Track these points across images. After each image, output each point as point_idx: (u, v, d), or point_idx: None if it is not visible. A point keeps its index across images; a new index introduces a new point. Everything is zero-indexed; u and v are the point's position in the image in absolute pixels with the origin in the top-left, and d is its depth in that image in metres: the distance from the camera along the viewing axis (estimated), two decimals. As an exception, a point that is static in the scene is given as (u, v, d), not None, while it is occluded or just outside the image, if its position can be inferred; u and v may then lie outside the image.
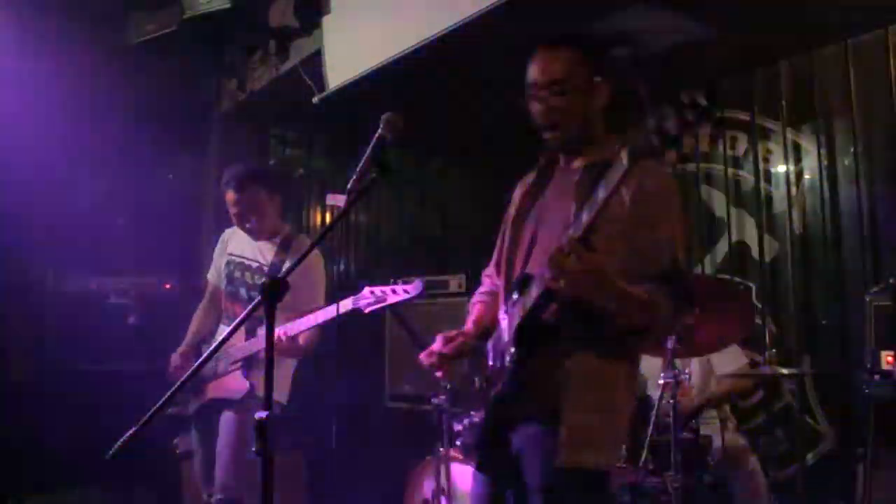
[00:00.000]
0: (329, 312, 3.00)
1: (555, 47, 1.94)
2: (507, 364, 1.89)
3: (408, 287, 2.83)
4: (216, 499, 3.27)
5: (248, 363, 3.30)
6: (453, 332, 2.10)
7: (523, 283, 1.89)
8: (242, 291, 3.49)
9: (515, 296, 1.92)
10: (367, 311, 2.88)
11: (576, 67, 1.91)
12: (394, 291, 2.85)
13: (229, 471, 3.24)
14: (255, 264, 3.48)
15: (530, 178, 2.15)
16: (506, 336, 1.94)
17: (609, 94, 1.93)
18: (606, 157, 1.74)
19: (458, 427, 3.32)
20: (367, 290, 2.90)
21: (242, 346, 3.31)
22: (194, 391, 3.49)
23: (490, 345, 2.07)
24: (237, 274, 3.52)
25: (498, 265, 2.15)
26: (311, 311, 3.20)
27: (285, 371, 3.40)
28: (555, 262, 1.64)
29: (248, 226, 3.47)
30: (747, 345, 3.84)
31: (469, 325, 2.18)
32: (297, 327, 3.09)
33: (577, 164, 1.99)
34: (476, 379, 2.07)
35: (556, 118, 1.92)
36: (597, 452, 1.82)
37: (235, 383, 3.32)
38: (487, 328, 2.13)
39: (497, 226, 2.18)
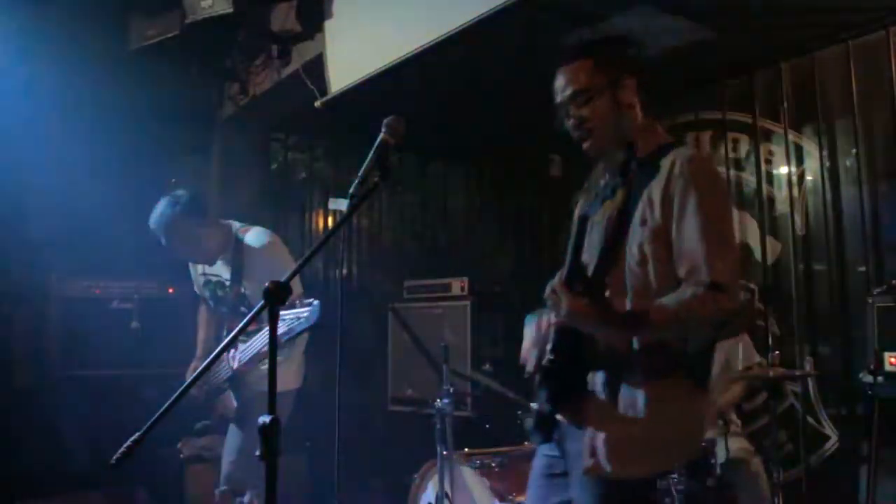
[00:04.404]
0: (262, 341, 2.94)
1: (571, 62, 1.98)
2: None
3: (301, 312, 2.67)
4: (219, 490, 3.36)
5: (234, 385, 3.26)
6: None
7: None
8: (225, 310, 3.47)
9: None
10: (283, 340, 2.74)
11: (593, 73, 1.95)
12: (297, 318, 2.68)
13: (233, 463, 3.33)
14: (227, 282, 3.44)
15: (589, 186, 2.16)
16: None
17: (634, 85, 1.96)
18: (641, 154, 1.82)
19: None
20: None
21: (221, 368, 3.27)
22: (211, 403, 3.48)
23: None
24: (220, 293, 3.50)
25: None
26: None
27: (295, 358, 3.39)
28: (551, 299, 1.75)
29: (197, 259, 3.43)
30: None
31: None
32: (244, 357, 3.09)
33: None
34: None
35: (588, 126, 1.95)
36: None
37: (231, 401, 3.32)
38: None
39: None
